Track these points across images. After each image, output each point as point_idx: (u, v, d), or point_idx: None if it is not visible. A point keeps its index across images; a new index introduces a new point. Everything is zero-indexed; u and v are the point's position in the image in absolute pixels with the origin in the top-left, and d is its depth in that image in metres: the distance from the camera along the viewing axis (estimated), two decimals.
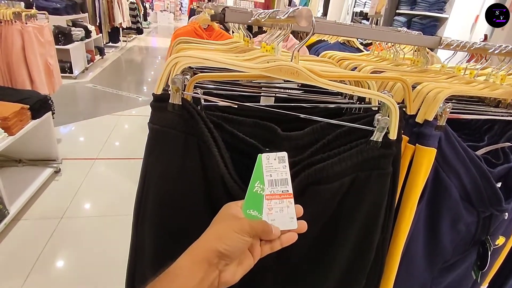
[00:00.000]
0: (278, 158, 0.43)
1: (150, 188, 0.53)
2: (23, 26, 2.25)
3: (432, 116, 0.61)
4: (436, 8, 3.95)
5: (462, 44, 0.74)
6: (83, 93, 4.60)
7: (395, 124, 0.50)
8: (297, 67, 0.47)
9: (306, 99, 0.68)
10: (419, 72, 0.82)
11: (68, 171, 2.55)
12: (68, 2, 5.28)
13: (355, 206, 0.54)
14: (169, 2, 15.02)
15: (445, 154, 0.64)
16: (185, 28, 2.13)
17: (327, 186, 0.52)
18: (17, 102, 2.01)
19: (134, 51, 7.91)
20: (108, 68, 5.98)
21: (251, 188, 0.43)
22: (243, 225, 0.39)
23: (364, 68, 0.83)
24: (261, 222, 0.41)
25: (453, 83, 0.72)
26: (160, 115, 0.49)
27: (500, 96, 0.64)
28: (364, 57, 1.06)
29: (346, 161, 0.51)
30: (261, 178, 0.43)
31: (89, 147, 3.04)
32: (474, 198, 0.68)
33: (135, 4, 7.77)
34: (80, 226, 2.02)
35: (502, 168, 0.68)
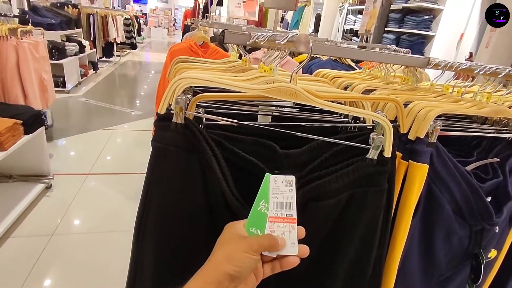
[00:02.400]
0: (285, 181, 0.44)
1: (152, 205, 0.53)
2: (18, 42, 2.27)
3: (424, 133, 0.63)
4: (423, 27, 4.10)
5: (450, 65, 0.78)
6: (76, 108, 4.58)
7: (390, 142, 0.52)
8: (296, 88, 0.49)
9: (302, 117, 0.70)
10: (409, 90, 0.86)
11: (60, 186, 2.51)
12: (63, 18, 5.33)
13: (353, 222, 0.56)
14: (163, 18, 15.23)
15: (437, 169, 0.67)
16: (180, 45, 2.16)
17: (325, 202, 0.53)
18: (10, 118, 2.00)
19: (127, 66, 7.95)
20: (101, 83, 5.99)
21: (255, 207, 0.44)
22: (251, 244, 0.40)
23: (358, 86, 0.86)
24: (267, 236, 0.42)
25: (442, 101, 0.75)
26: (163, 134, 0.51)
27: (487, 114, 0.68)
28: (356, 75, 1.10)
29: (343, 178, 0.53)
30: (266, 198, 0.44)
31: (81, 162, 3.01)
32: (466, 212, 0.70)
33: (130, 20, 7.86)
34: (72, 243, 1.98)
35: (491, 183, 0.71)
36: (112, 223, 2.18)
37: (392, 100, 0.59)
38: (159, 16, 15.22)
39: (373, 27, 2.36)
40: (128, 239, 0.57)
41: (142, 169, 3.01)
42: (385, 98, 0.62)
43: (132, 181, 2.77)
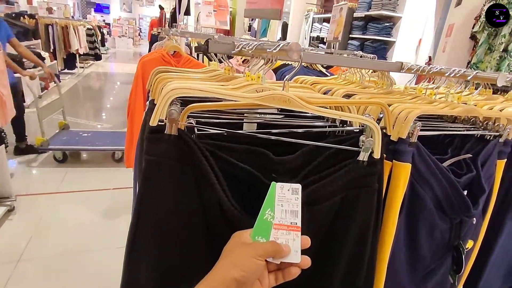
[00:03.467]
0: (291, 189, 0.44)
1: (146, 221, 0.51)
2: None
3: (405, 134, 0.66)
4: (384, 33, 4.33)
5: (422, 68, 0.83)
6: (37, 123, 4.31)
7: (378, 144, 0.54)
8: (289, 95, 0.50)
9: (287, 123, 0.71)
10: (386, 93, 0.90)
11: (24, 208, 2.34)
12: (19, 28, 5.04)
13: (347, 223, 0.57)
14: (127, 28, 14.85)
15: (419, 168, 0.70)
16: (151, 55, 2.12)
17: (321, 206, 0.54)
18: None
19: (91, 77, 7.64)
20: (64, 96, 5.69)
21: (261, 215, 0.44)
22: (257, 249, 0.41)
23: (337, 91, 0.89)
24: (271, 242, 0.43)
25: (418, 103, 0.80)
26: (156, 146, 0.49)
27: (459, 113, 0.73)
28: (333, 81, 1.14)
29: (337, 181, 0.54)
30: (272, 206, 0.44)
31: (46, 180, 2.83)
32: (446, 207, 0.74)
33: (93, 30, 7.59)
34: (41, 268, 1.84)
35: (466, 177, 0.76)
36: (85, 243, 2.06)
37: (378, 103, 0.62)
38: (123, 26, 14.83)
39: (340, 34, 2.47)
40: (104, 258, 0.54)
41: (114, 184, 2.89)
42: (373, 102, 0.65)
43: (103, 197, 2.65)
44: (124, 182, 2.85)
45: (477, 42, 2.45)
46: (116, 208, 2.48)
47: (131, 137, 2.00)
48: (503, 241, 0.93)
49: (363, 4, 4.51)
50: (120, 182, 2.86)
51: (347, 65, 0.86)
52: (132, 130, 1.98)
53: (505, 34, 2.21)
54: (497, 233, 0.92)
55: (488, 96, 1.11)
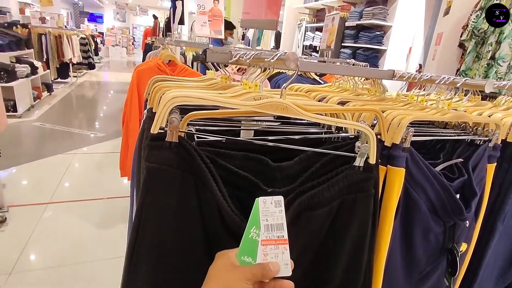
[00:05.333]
0: (274, 202, 0.44)
1: (147, 228, 0.52)
2: None
3: (399, 139, 0.68)
4: (375, 42, 4.42)
5: (413, 76, 0.86)
6: (29, 133, 4.27)
7: (374, 150, 0.56)
8: (287, 103, 0.51)
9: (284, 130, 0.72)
10: (379, 100, 0.93)
11: (16, 219, 2.30)
12: (12, 38, 5.02)
13: (345, 227, 0.58)
14: (121, 37, 14.88)
15: (412, 172, 0.72)
16: (147, 64, 2.13)
17: (319, 211, 0.55)
18: None
19: (85, 87, 7.61)
20: (57, 105, 5.66)
21: (246, 234, 0.43)
22: (245, 273, 0.41)
23: (332, 99, 0.91)
24: (259, 265, 0.42)
25: (410, 109, 0.82)
26: (157, 154, 0.50)
27: (449, 119, 0.75)
28: (327, 88, 1.16)
29: (334, 186, 0.55)
30: (257, 223, 0.44)
31: (39, 191, 2.79)
32: (440, 210, 0.76)
33: (86, 39, 7.59)
34: (34, 280, 1.81)
35: (458, 181, 0.78)
36: (79, 254, 2.03)
37: (373, 110, 0.64)
38: (117, 35, 14.85)
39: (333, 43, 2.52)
40: (98, 269, 0.54)
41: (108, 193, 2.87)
42: (367, 109, 0.67)
43: (97, 207, 2.62)
44: (118, 191, 2.83)
45: (466, 50, 2.52)
46: (110, 218, 2.45)
47: (126, 146, 2.00)
48: (495, 244, 0.94)
49: (355, 13, 4.60)
50: (114, 191, 2.84)
51: (341, 73, 0.89)
52: (128, 139, 1.98)
53: (492, 42, 2.28)
54: (489, 236, 0.94)
55: (477, 103, 1.14)
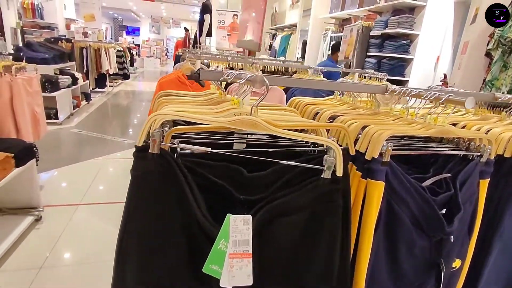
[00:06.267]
0: (243, 220, 0.51)
1: (132, 230, 0.59)
2: (13, 78, 2.35)
3: (377, 153, 0.71)
4: (401, 51, 4.33)
5: (403, 91, 0.87)
6: (67, 139, 4.63)
7: (340, 163, 0.59)
8: (256, 120, 0.57)
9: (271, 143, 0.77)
10: (371, 114, 0.95)
11: (50, 218, 2.51)
12: (56, 52, 5.49)
13: (314, 236, 0.62)
14: (155, 48, 15.66)
15: (393, 186, 0.74)
16: (169, 77, 2.27)
17: (289, 218, 0.60)
18: (2, 151, 2.04)
19: (120, 96, 8.09)
20: (93, 113, 6.07)
21: (216, 245, 0.50)
22: None
23: (325, 113, 0.95)
24: None
25: (398, 124, 0.84)
26: (141, 163, 0.57)
27: (432, 134, 0.76)
28: (328, 101, 1.19)
29: (303, 196, 0.60)
30: (226, 237, 0.51)
31: (72, 192, 3.02)
32: (423, 224, 0.77)
33: (122, 52, 8.10)
34: (61, 275, 1.97)
35: (443, 196, 0.78)
36: (103, 254, 2.17)
37: (340, 126, 0.67)
38: (152, 46, 15.66)
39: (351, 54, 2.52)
40: None
41: None
42: (334, 125, 0.71)
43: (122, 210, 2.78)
44: None
45: (492, 60, 2.42)
46: None
47: None
48: (494, 260, 0.92)
49: (380, 23, 4.54)
50: None
51: (321, 88, 0.92)
52: None
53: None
54: (487, 252, 0.92)
55: (483, 116, 1.12)
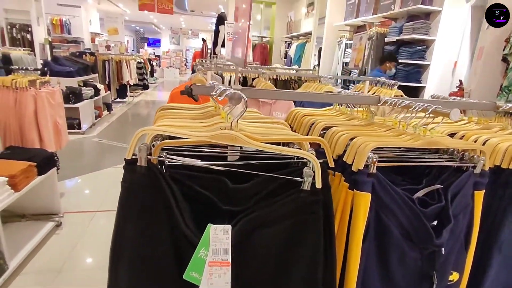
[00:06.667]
0: (223, 230, 0.55)
1: (123, 238, 0.63)
2: (37, 91, 2.51)
3: (362, 165, 0.72)
4: (417, 57, 4.25)
5: (394, 102, 0.88)
6: (89, 148, 4.83)
7: (318, 175, 0.61)
8: (235, 134, 0.60)
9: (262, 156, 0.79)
10: (365, 125, 0.96)
11: (69, 224, 2.63)
12: (80, 65, 5.79)
13: (296, 246, 0.64)
14: (174, 59, 16.12)
15: (380, 197, 0.75)
16: (181, 88, 2.34)
17: (269, 228, 0.62)
18: (25, 160, 2.18)
19: (140, 105, 8.37)
20: (114, 123, 6.32)
21: (196, 253, 0.54)
22: None
23: (319, 124, 0.97)
24: None
25: (387, 135, 0.84)
26: (130, 176, 0.62)
27: (419, 146, 0.76)
28: (327, 112, 1.21)
29: (283, 207, 0.62)
30: (206, 246, 0.54)
31: (90, 200, 3.15)
32: (413, 235, 0.76)
33: (142, 63, 8.41)
34: (79, 279, 2.06)
35: (434, 207, 0.77)
36: None
37: (317, 139, 0.69)
38: (171, 57, 16.13)
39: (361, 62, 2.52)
40: None
41: None
42: (311, 138, 0.72)
43: None
44: None
45: (509, 65, 2.34)
46: None
47: None
48: (495, 272, 0.89)
49: (394, 29, 4.49)
50: None
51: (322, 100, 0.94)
52: None
53: None
54: (486, 265, 0.89)
55: (485, 125, 1.10)
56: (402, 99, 0.87)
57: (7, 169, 2.01)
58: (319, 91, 2.35)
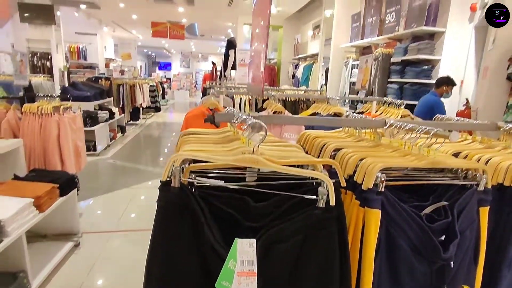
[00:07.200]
0: (249, 244, 0.62)
1: (157, 253, 0.70)
2: (60, 117, 2.67)
3: (371, 184, 0.79)
4: (423, 76, 4.33)
5: (399, 125, 0.95)
6: (104, 169, 4.97)
7: (332, 193, 0.68)
8: (257, 158, 0.68)
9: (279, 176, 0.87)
10: (372, 146, 1.03)
11: (87, 244, 2.71)
12: (97, 90, 6.05)
13: (311, 260, 0.70)
14: (185, 81, 16.59)
15: (390, 214, 0.81)
16: (195, 111, 2.45)
17: (288, 243, 0.69)
18: (49, 182, 2.29)
19: (152, 127, 8.60)
20: (128, 144, 6.50)
21: (226, 264, 0.61)
22: None
23: (329, 146, 1.05)
24: None
25: (394, 156, 0.91)
26: (165, 195, 0.70)
27: (423, 166, 0.83)
28: (336, 134, 1.28)
29: (298, 223, 0.69)
30: (235, 258, 0.61)
31: (107, 220, 3.23)
32: (422, 250, 0.82)
33: (155, 86, 8.71)
34: None
35: (440, 223, 0.83)
36: (136, 278, 2.30)
37: (330, 162, 0.76)
38: (182, 79, 16.62)
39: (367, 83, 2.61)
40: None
41: None
42: (324, 161, 0.80)
43: None
44: None
45: None
46: None
47: None
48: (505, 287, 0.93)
49: (399, 49, 4.61)
50: None
51: (332, 125, 1.02)
52: None
53: None
54: (496, 282, 0.93)
55: (488, 144, 1.16)
56: (406, 122, 0.95)
57: (32, 191, 2.13)
58: (328, 111, 2.43)
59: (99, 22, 11.13)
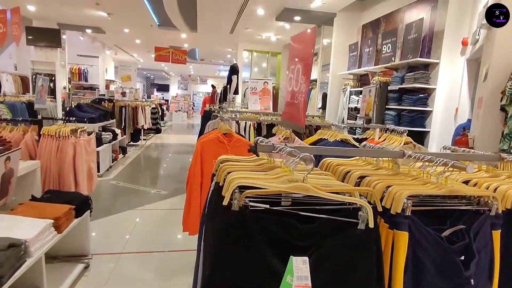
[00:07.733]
0: (302, 261, 0.72)
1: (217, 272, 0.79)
2: (77, 140, 2.76)
3: (399, 209, 0.90)
4: (419, 104, 4.56)
5: (417, 156, 1.08)
6: (107, 190, 5.00)
7: (371, 217, 0.79)
8: (308, 186, 0.79)
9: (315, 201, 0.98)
10: (392, 175, 1.15)
11: (96, 266, 2.72)
12: (101, 112, 6.16)
13: (354, 274, 0.80)
14: (183, 103, 16.83)
15: (415, 236, 0.91)
16: (208, 136, 2.55)
17: (334, 260, 0.79)
18: (65, 203, 2.35)
19: (152, 148, 8.68)
20: (129, 166, 6.54)
21: (284, 279, 0.71)
22: None
23: (354, 174, 1.16)
24: None
25: (415, 184, 1.03)
26: (226, 218, 0.80)
27: (442, 193, 0.94)
28: (354, 162, 1.41)
29: (343, 243, 0.79)
30: (291, 274, 0.71)
31: (114, 242, 3.25)
32: (445, 269, 0.92)
33: (156, 109, 8.86)
34: None
35: (460, 244, 0.93)
36: None
37: (369, 190, 0.88)
38: (180, 101, 16.86)
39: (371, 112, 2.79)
40: None
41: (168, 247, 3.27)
42: (364, 189, 0.91)
43: (160, 258, 2.97)
44: (177, 245, 3.18)
45: (507, 114, 2.58)
46: (170, 269, 2.77)
47: (189, 205, 2.35)
48: None
49: (397, 78, 4.86)
50: (173, 245, 3.20)
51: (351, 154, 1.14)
52: (190, 200, 2.34)
53: None
54: None
55: (493, 173, 1.29)
56: (424, 154, 1.08)
57: (51, 212, 2.18)
58: (335, 138, 2.57)
59: (103, 45, 11.43)
